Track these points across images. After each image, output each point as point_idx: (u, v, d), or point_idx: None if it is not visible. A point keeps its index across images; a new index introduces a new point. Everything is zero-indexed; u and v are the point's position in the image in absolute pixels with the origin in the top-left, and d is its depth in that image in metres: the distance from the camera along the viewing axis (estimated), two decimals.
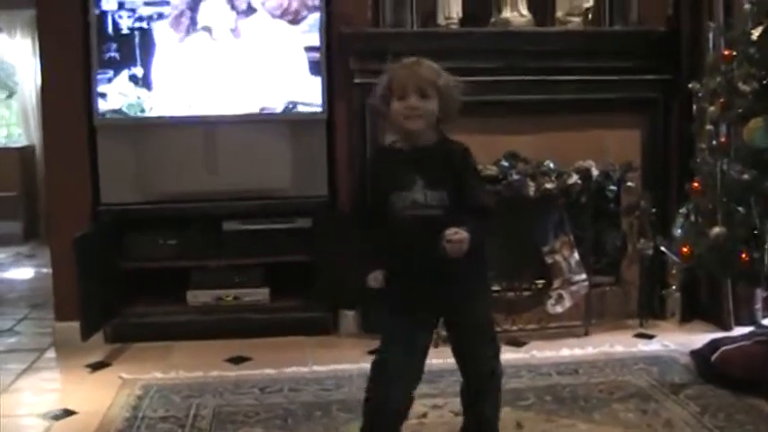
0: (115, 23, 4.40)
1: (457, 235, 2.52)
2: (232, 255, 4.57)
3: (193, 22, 4.43)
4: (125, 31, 4.40)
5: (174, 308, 4.57)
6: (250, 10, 4.44)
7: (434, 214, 2.64)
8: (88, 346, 4.26)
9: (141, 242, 4.58)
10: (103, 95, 4.41)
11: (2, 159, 8.96)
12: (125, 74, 4.42)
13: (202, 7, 4.42)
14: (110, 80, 4.42)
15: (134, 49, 4.42)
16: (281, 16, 4.45)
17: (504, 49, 4.49)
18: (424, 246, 2.60)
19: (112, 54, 4.41)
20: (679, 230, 3.84)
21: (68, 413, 3.53)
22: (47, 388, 3.94)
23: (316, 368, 3.98)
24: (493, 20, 4.62)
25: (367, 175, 2.91)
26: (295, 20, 4.45)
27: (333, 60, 4.49)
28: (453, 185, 2.67)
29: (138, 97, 4.44)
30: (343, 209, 4.47)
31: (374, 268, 2.75)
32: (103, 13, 4.39)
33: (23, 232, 8.61)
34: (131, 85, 4.42)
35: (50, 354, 4.44)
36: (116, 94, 4.42)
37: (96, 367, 4.13)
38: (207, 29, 4.44)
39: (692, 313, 4.61)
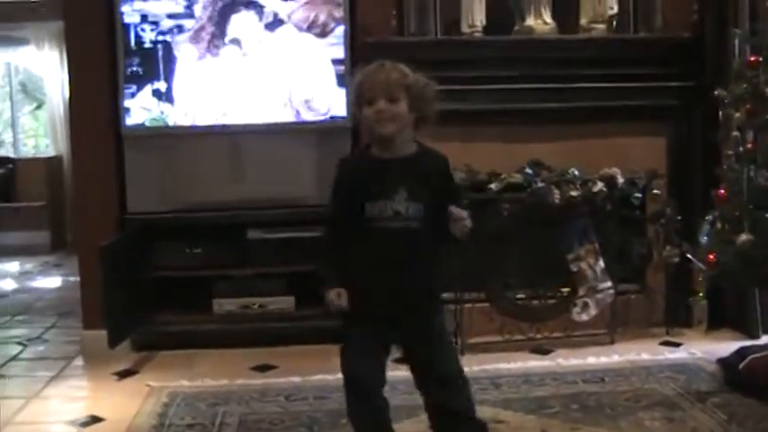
0: (138, 37, 4.44)
1: (461, 213, 2.54)
2: (257, 263, 4.59)
3: (218, 34, 4.46)
4: (148, 45, 4.45)
5: (200, 316, 4.59)
6: (277, 22, 4.47)
7: (414, 227, 2.63)
8: (115, 354, 4.29)
9: (167, 251, 4.60)
10: (127, 110, 4.46)
11: (30, 170, 9.06)
12: (148, 89, 4.47)
13: (227, 19, 4.45)
14: (133, 95, 4.46)
15: (157, 62, 4.46)
16: (308, 29, 4.48)
17: (527, 57, 4.49)
18: (402, 256, 2.63)
19: (134, 68, 4.45)
20: (705, 238, 3.82)
21: (96, 420, 3.56)
22: (75, 395, 3.97)
23: (341, 376, 3.96)
24: (516, 28, 4.62)
25: (339, 181, 2.74)
26: (322, 33, 4.48)
27: (357, 70, 4.49)
28: (430, 198, 2.63)
29: (162, 112, 4.48)
30: None
31: (336, 284, 2.67)
32: (126, 27, 4.44)
33: (51, 242, 8.68)
34: (155, 100, 4.47)
35: (78, 362, 4.48)
36: (138, 108, 4.47)
37: (123, 375, 4.16)
38: (233, 41, 4.48)
39: (718, 321, 4.58)
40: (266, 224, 4.60)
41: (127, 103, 4.46)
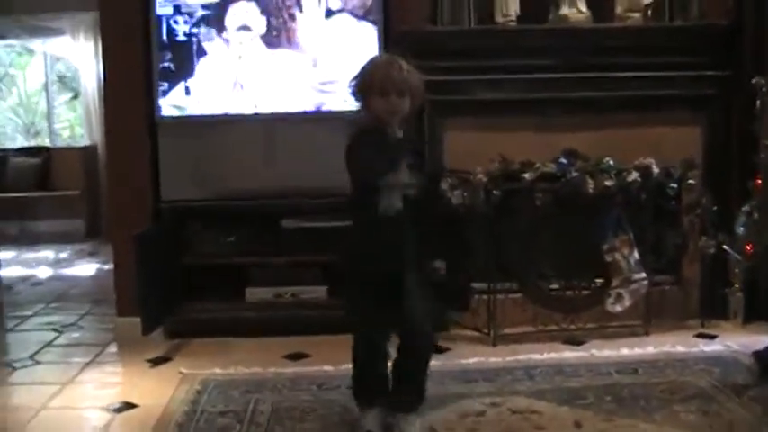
0: (170, 29, 4.47)
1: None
2: (290, 252, 4.60)
3: (251, 22, 4.47)
4: (181, 36, 4.47)
5: (233, 304, 4.61)
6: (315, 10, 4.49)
7: (413, 194, 3.05)
8: (149, 341, 4.32)
9: (201, 239, 4.64)
10: (160, 99, 4.49)
11: (65, 159, 9.16)
12: (181, 86, 4.49)
13: (258, 8, 4.46)
14: (165, 93, 4.49)
15: (191, 52, 4.48)
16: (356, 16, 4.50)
17: (562, 47, 4.47)
18: (405, 224, 3.04)
19: (168, 60, 4.48)
20: (741, 228, 3.79)
21: (130, 406, 3.59)
22: (109, 381, 4.00)
23: None
24: (551, 17, 4.58)
25: (357, 152, 3.10)
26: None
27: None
28: (421, 173, 3.08)
29: (196, 100, 4.52)
30: None
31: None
32: (159, 18, 4.46)
33: (85, 230, 8.78)
34: (189, 88, 4.50)
35: (112, 348, 4.52)
36: (172, 98, 4.50)
37: (157, 362, 4.19)
38: (267, 29, 4.48)
39: (755, 313, 4.52)
40: (300, 213, 4.61)
41: (161, 93, 4.50)
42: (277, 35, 4.49)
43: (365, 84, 3.02)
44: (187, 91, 4.50)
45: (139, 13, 4.48)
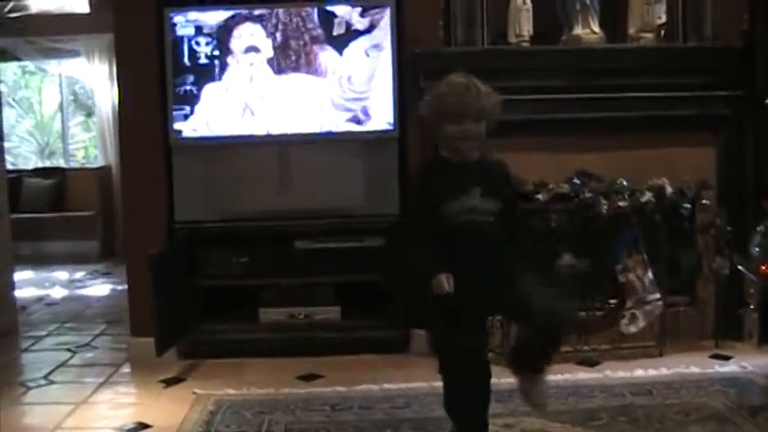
0: (184, 52, 4.49)
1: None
2: (304, 273, 4.61)
3: (259, 43, 4.50)
4: (194, 60, 4.50)
5: (247, 325, 4.62)
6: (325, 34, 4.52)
7: (487, 220, 2.88)
8: (162, 361, 4.32)
9: (215, 260, 4.65)
10: (175, 120, 4.52)
11: (80, 180, 9.20)
12: (194, 107, 4.52)
13: (264, 29, 4.50)
14: (178, 115, 4.52)
15: (204, 76, 4.52)
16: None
17: (575, 67, 4.47)
18: (477, 248, 2.85)
19: (180, 86, 4.50)
20: (756, 248, 3.77)
21: (143, 426, 3.59)
22: (122, 402, 4.01)
23: (386, 386, 3.97)
24: (564, 37, 4.59)
25: (420, 184, 3.05)
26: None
27: (404, 79, 4.51)
28: (500, 197, 2.91)
29: (210, 121, 4.56)
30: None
31: (439, 271, 2.78)
32: (173, 40, 4.49)
33: (100, 250, 8.80)
34: (200, 119, 4.54)
35: (126, 368, 4.53)
36: (183, 129, 4.55)
37: (170, 382, 4.19)
38: (279, 51, 4.51)
39: None
40: (313, 234, 4.61)
41: (179, 125, 4.54)
42: (288, 56, 4.51)
43: (438, 109, 2.90)
44: (200, 113, 4.52)
45: (154, 36, 4.52)
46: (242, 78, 4.52)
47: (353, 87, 4.52)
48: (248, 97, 4.53)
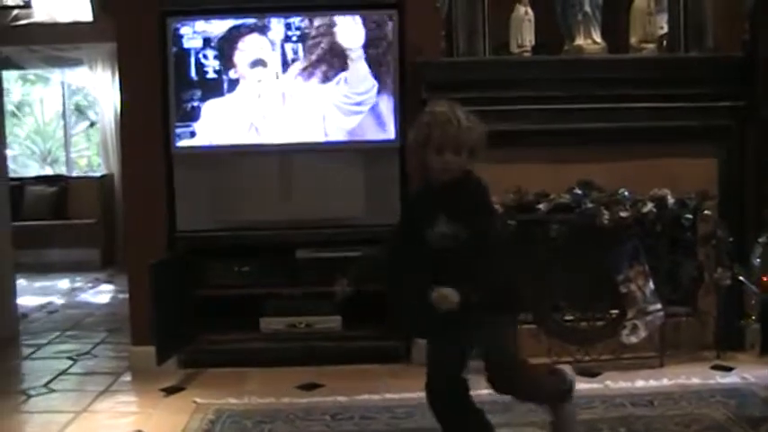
0: (188, 62, 4.50)
1: (440, 293, 2.77)
2: (305, 283, 4.61)
3: (270, 57, 4.51)
4: (199, 70, 4.51)
5: (247, 335, 4.62)
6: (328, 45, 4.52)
7: (457, 245, 2.85)
8: (163, 370, 4.33)
9: (216, 269, 4.65)
10: (177, 130, 4.54)
11: (82, 188, 9.22)
12: (197, 117, 4.53)
13: (269, 41, 4.51)
14: (192, 137, 4.54)
15: (207, 86, 4.52)
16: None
17: (577, 78, 4.47)
18: (446, 274, 2.82)
19: (183, 95, 4.51)
20: (758, 260, 3.77)
21: None
22: (122, 410, 4.01)
23: (387, 396, 3.97)
24: (566, 48, 4.60)
25: (403, 211, 3.25)
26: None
27: (406, 90, 4.52)
28: (468, 218, 2.86)
29: (211, 131, 4.56)
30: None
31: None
32: (184, 51, 4.50)
33: (101, 259, 8.81)
34: (202, 128, 4.54)
35: (126, 377, 4.53)
36: (185, 138, 4.56)
37: (171, 391, 4.19)
38: (281, 61, 4.52)
39: None
40: (315, 244, 4.62)
41: (186, 142, 4.55)
42: (290, 67, 4.52)
43: (421, 139, 2.88)
44: (202, 123, 4.53)
45: (157, 45, 4.52)
46: (245, 89, 4.52)
47: (355, 98, 4.52)
48: (250, 107, 4.54)
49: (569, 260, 4.36)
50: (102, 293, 7.31)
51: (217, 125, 4.54)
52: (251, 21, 4.50)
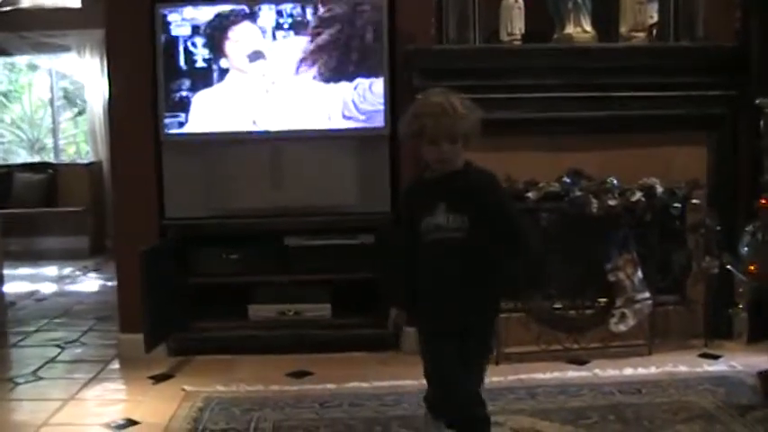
0: (177, 49, 4.48)
1: None
2: (294, 270, 4.61)
3: (260, 44, 4.49)
4: (187, 57, 4.48)
5: (237, 322, 4.62)
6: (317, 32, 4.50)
7: (455, 237, 2.76)
8: (151, 358, 4.32)
9: (205, 257, 4.64)
10: (166, 117, 4.52)
11: (70, 175, 9.18)
12: (186, 103, 4.51)
13: (269, 29, 4.49)
14: (169, 111, 4.51)
15: (197, 73, 4.50)
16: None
17: (567, 66, 4.46)
18: (446, 268, 2.78)
19: (172, 82, 4.49)
20: (746, 248, 3.77)
21: (131, 423, 3.58)
22: (111, 398, 4.00)
23: (376, 384, 3.97)
24: (556, 36, 4.59)
25: (401, 204, 3.11)
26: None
27: (396, 77, 4.51)
28: (476, 211, 2.77)
29: (200, 118, 4.54)
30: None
31: (399, 307, 2.97)
32: (174, 40, 4.48)
33: (90, 246, 8.78)
34: (192, 115, 4.53)
35: (115, 365, 4.52)
36: (175, 125, 4.55)
37: (159, 379, 4.19)
38: (271, 49, 4.50)
39: (759, 333, 4.50)
40: (304, 231, 4.61)
41: (166, 111, 4.52)
42: (279, 54, 4.50)
43: (415, 130, 2.79)
44: (192, 110, 4.51)
45: (146, 32, 4.50)
46: (234, 76, 4.50)
47: (345, 85, 4.51)
48: (240, 95, 4.52)
49: (559, 248, 4.37)
50: (90, 281, 7.29)
51: (206, 112, 4.52)
52: (240, 7, 4.48)
